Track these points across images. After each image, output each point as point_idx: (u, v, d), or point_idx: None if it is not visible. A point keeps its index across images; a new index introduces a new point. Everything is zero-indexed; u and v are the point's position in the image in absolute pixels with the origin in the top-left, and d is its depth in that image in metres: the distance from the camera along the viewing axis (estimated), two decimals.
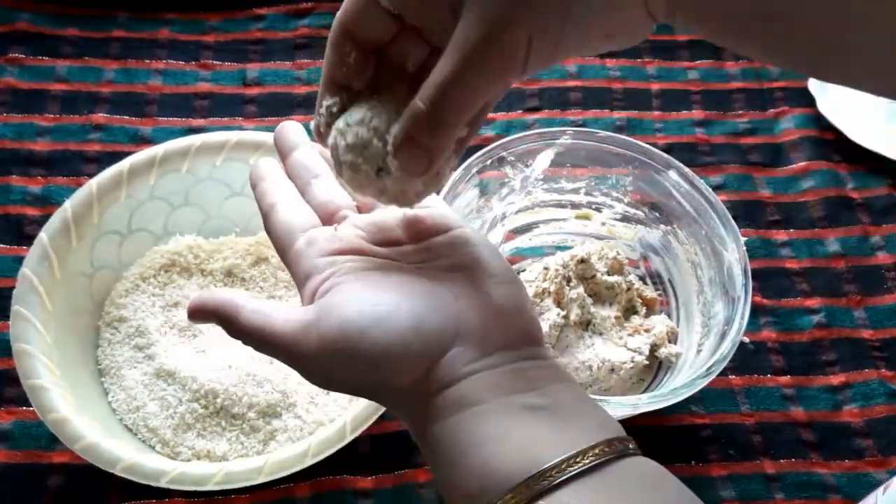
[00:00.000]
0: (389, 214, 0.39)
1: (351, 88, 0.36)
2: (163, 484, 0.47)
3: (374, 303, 0.33)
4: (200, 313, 0.36)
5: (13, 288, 0.53)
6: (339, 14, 0.35)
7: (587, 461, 0.29)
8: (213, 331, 0.57)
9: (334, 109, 0.36)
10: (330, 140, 0.36)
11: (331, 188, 0.40)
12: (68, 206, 0.56)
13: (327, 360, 0.32)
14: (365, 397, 0.36)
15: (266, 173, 0.40)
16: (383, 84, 0.36)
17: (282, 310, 0.34)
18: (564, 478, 0.28)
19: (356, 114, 0.35)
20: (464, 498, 0.30)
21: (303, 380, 0.53)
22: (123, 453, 0.48)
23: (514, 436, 0.30)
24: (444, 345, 0.32)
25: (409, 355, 0.32)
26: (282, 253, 0.37)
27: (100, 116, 0.72)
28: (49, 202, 0.66)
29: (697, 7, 0.31)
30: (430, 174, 0.35)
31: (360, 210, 0.40)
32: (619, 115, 0.75)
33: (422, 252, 0.37)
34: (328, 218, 0.38)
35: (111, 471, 0.47)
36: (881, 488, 0.44)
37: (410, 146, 0.33)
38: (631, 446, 0.30)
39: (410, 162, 0.33)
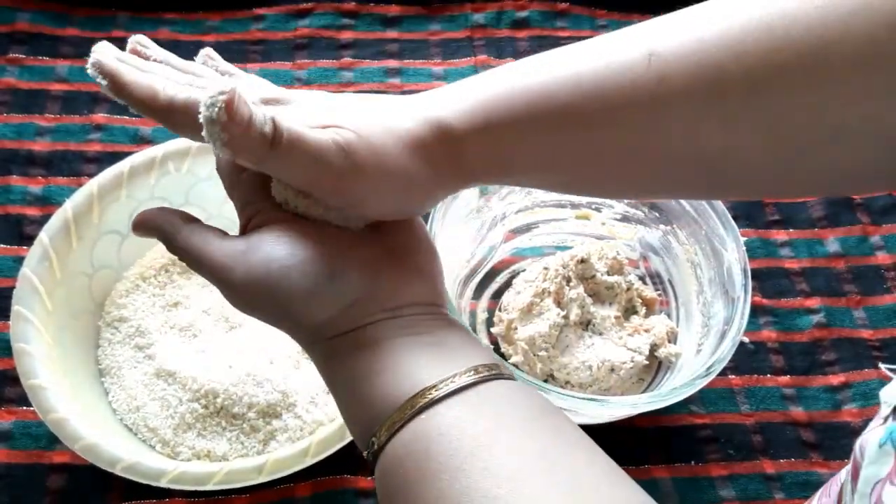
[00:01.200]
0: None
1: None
2: (163, 483, 0.47)
3: (300, 246, 0.35)
4: (143, 227, 0.38)
5: (13, 288, 0.53)
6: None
7: (461, 381, 0.32)
8: (214, 331, 0.58)
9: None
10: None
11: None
12: (69, 206, 0.56)
13: (250, 291, 0.35)
14: (277, 327, 0.38)
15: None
16: None
17: (217, 236, 0.37)
18: (441, 395, 0.32)
19: None
20: (363, 429, 0.34)
21: (303, 380, 0.53)
22: (123, 453, 0.48)
23: (401, 365, 0.34)
24: (353, 296, 0.35)
25: (319, 301, 0.35)
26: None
27: (100, 116, 0.72)
28: (49, 202, 0.66)
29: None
30: None
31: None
32: None
33: None
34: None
35: (111, 471, 0.47)
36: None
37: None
38: (505, 372, 0.34)
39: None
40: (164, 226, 0.38)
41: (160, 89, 0.35)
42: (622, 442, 0.57)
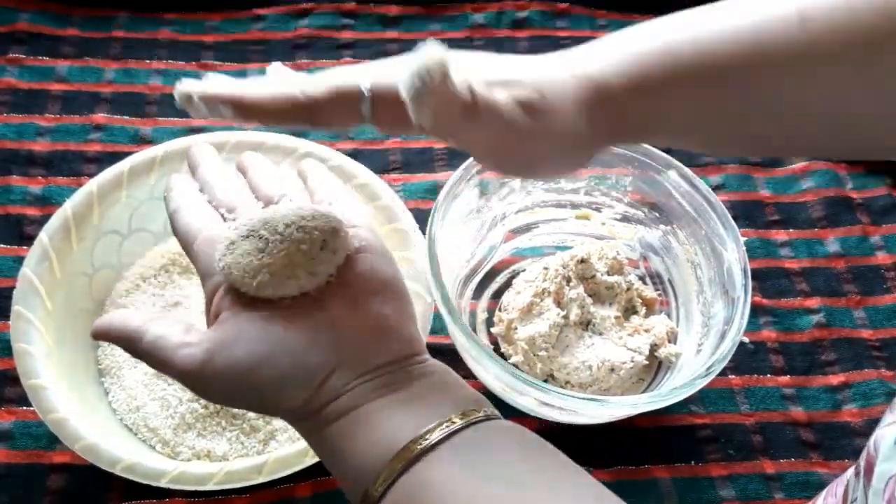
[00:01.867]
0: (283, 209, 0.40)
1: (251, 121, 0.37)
2: (163, 484, 0.47)
3: (259, 342, 0.36)
4: (104, 337, 0.39)
5: (13, 288, 0.53)
6: (312, 91, 0.35)
7: (437, 435, 0.32)
8: None
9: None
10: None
11: (233, 189, 0.42)
12: (68, 206, 0.56)
13: (222, 389, 0.36)
14: (256, 412, 0.40)
15: (174, 185, 0.43)
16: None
17: (178, 341, 0.36)
18: (417, 452, 0.32)
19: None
20: (356, 493, 0.34)
21: None
22: (123, 453, 0.48)
23: (378, 427, 0.34)
24: (323, 374, 0.35)
25: (290, 388, 0.35)
26: (186, 250, 0.40)
27: (100, 116, 0.72)
28: (49, 202, 0.66)
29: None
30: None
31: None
32: None
33: None
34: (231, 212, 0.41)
35: (111, 471, 0.47)
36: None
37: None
38: (482, 413, 0.34)
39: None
40: (123, 337, 0.38)
41: (294, 90, 0.35)
42: (622, 442, 0.57)
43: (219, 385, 0.36)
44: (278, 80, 0.36)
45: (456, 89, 0.32)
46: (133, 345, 0.38)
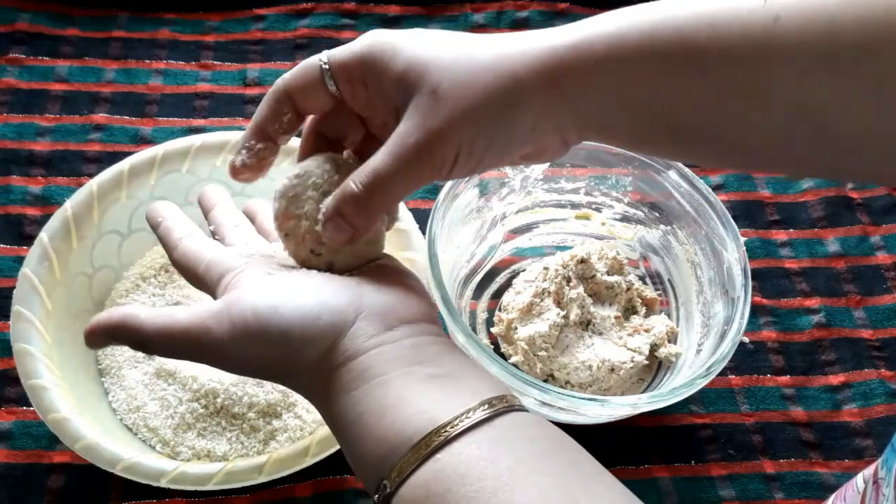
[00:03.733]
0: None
1: (274, 141, 0.40)
2: (163, 484, 0.47)
3: (282, 286, 0.36)
4: (99, 335, 0.36)
5: (13, 288, 0.53)
6: (285, 76, 0.39)
7: (476, 416, 0.31)
8: None
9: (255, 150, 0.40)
10: (274, 204, 0.39)
11: (250, 233, 0.44)
12: (69, 206, 0.56)
13: (240, 342, 0.34)
14: (273, 379, 0.38)
15: (166, 213, 0.43)
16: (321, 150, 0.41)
17: (184, 308, 0.36)
18: (457, 432, 0.31)
19: (297, 170, 0.39)
20: (371, 467, 0.33)
21: None
22: (123, 453, 0.48)
23: (412, 401, 0.33)
24: (350, 317, 0.35)
25: (317, 327, 0.34)
26: (191, 272, 0.39)
27: (100, 116, 0.72)
28: (49, 202, 0.66)
29: (602, 137, 0.38)
30: (360, 246, 0.39)
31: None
32: None
33: None
34: None
35: (111, 471, 0.47)
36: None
37: (338, 220, 0.37)
38: (516, 403, 0.33)
39: (336, 233, 0.37)
40: (120, 323, 0.36)
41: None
42: (622, 442, 0.57)
43: (238, 336, 0.34)
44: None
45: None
46: (134, 329, 0.35)
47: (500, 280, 0.65)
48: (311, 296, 0.35)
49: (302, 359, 0.34)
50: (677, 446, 0.57)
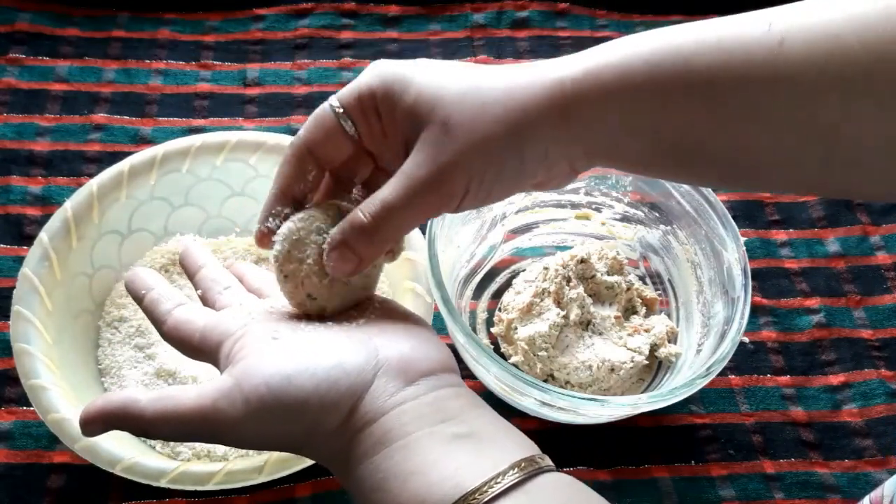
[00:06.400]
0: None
1: (301, 202, 0.40)
2: (163, 484, 0.47)
3: (292, 353, 0.34)
4: (96, 424, 0.34)
5: (13, 288, 0.53)
6: (303, 133, 0.39)
7: (506, 481, 0.30)
8: None
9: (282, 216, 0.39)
10: (276, 246, 0.39)
11: (241, 294, 0.42)
12: (69, 206, 0.56)
13: (255, 419, 0.32)
14: (290, 451, 0.36)
15: (151, 282, 0.41)
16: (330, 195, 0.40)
17: (187, 389, 0.34)
18: (487, 499, 0.29)
19: (301, 215, 0.39)
20: None
21: None
22: (123, 453, 0.47)
23: (437, 466, 0.31)
24: (368, 377, 0.33)
25: (335, 392, 0.33)
26: (187, 344, 0.38)
27: (100, 116, 0.72)
28: (49, 202, 0.66)
29: (610, 163, 0.38)
30: (361, 278, 0.39)
31: None
32: None
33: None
34: None
35: (111, 471, 0.47)
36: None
37: (344, 250, 0.37)
38: (545, 464, 0.32)
39: (341, 263, 0.37)
40: (120, 409, 0.34)
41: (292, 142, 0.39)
42: (622, 442, 0.57)
43: (252, 415, 0.32)
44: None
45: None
46: (135, 416, 0.33)
47: (500, 280, 0.65)
48: (325, 359, 0.33)
49: (320, 428, 0.33)
50: (677, 446, 0.57)
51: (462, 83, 0.36)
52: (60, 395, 0.49)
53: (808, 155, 0.34)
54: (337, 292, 0.38)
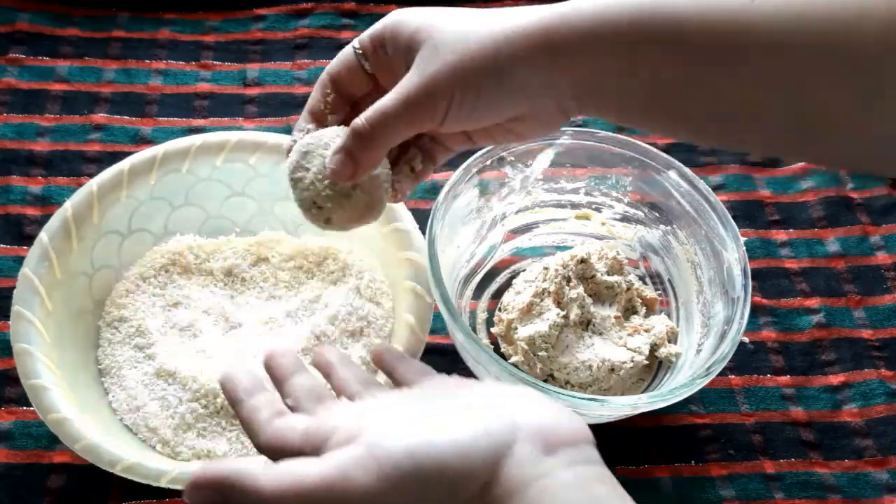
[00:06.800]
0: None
1: (324, 122, 0.47)
2: (163, 484, 0.47)
3: (427, 416, 0.32)
4: (203, 490, 0.31)
5: (13, 288, 0.53)
6: (330, 65, 0.46)
7: None
8: (214, 331, 0.57)
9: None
10: (290, 156, 0.46)
11: (330, 400, 0.39)
12: (69, 206, 0.56)
13: (389, 487, 0.29)
14: None
15: (251, 386, 0.38)
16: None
17: (307, 462, 0.31)
18: None
19: (315, 133, 0.46)
20: None
21: None
22: (123, 453, 0.47)
23: None
24: (509, 439, 0.31)
25: (477, 456, 0.30)
26: (287, 450, 0.34)
27: (100, 116, 0.72)
28: (49, 202, 0.66)
29: (597, 109, 0.42)
30: (374, 200, 0.45)
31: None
32: None
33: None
34: None
35: (111, 471, 0.47)
36: None
37: (343, 154, 0.42)
38: None
39: (340, 166, 0.42)
40: (235, 479, 0.31)
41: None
42: (622, 442, 0.57)
43: (385, 483, 0.29)
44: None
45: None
46: (251, 489, 0.30)
47: (500, 280, 0.65)
48: (465, 424, 0.31)
49: (459, 495, 0.30)
50: (677, 446, 0.57)
51: (456, 18, 0.42)
52: (60, 394, 0.49)
53: (776, 112, 0.37)
54: (340, 203, 0.44)
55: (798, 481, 0.56)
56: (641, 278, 0.64)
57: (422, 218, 0.57)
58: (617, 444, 0.57)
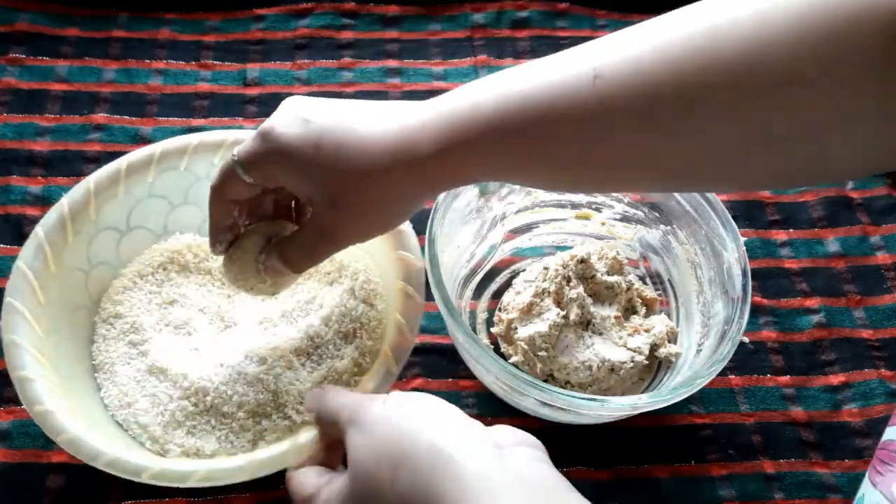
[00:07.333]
0: None
1: (233, 231, 0.51)
2: (144, 479, 0.46)
3: None
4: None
5: None
6: (213, 183, 0.48)
7: None
8: (208, 329, 0.57)
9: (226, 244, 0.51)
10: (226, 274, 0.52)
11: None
12: (65, 201, 0.56)
13: None
14: None
15: (318, 482, 0.45)
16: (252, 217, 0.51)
17: None
18: None
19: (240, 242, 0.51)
20: None
21: (293, 381, 0.53)
22: (106, 448, 0.47)
23: None
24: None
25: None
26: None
27: (100, 116, 0.72)
28: (49, 202, 0.66)
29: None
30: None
31: None
32: None
33: None
34: None
35: (93, 465, 0.46)
36: None
37: (274, 271, 0.50)
38: None
39: (273, 274, 0.50)
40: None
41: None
42: (622, 442, 0.57)
43: None
44: None
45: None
46: None
47: (500, 280, 0.65)
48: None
49: None
50: (677, 446, 0.57)
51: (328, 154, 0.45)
52: (47, 386, 0.49)
53: (646, 180, 0.43)
54: (270, 287, 0.52)
55: (798, 481, 0.56)
56: (641, 278, 0.64)
57: (422, 218, 0.57)
58: (617, 444, 0.57)
